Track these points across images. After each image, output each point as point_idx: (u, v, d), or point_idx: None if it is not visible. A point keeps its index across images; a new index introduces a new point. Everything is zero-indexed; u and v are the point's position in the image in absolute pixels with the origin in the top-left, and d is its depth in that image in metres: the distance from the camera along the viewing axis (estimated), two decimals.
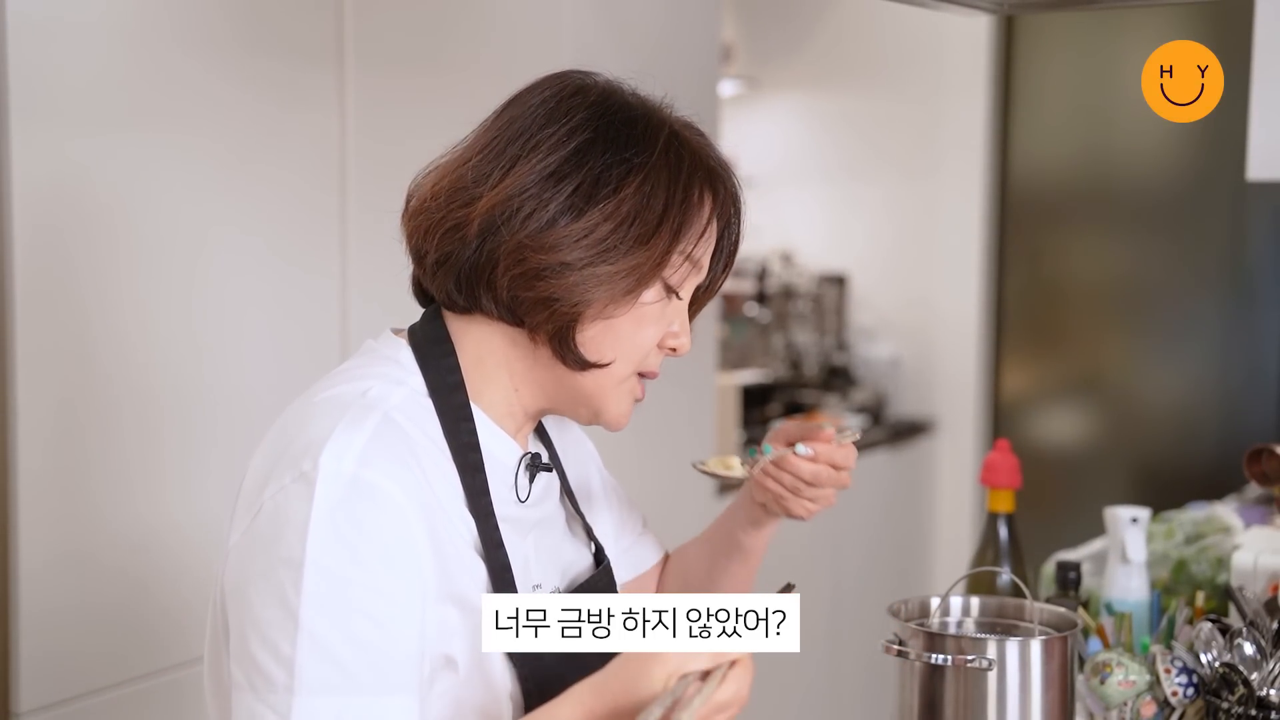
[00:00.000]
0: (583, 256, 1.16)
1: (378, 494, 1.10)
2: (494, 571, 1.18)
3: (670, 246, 1.19)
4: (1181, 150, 4.07)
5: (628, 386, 1.24)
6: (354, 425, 1.13)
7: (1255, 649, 1.59)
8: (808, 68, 4.55)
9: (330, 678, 1.07)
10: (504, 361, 1.23)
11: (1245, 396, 4.03)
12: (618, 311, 1.19)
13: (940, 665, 1.45)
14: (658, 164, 1.19)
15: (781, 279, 4.45)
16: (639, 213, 1.17)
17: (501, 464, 1.24)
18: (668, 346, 1.25)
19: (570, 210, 1.16)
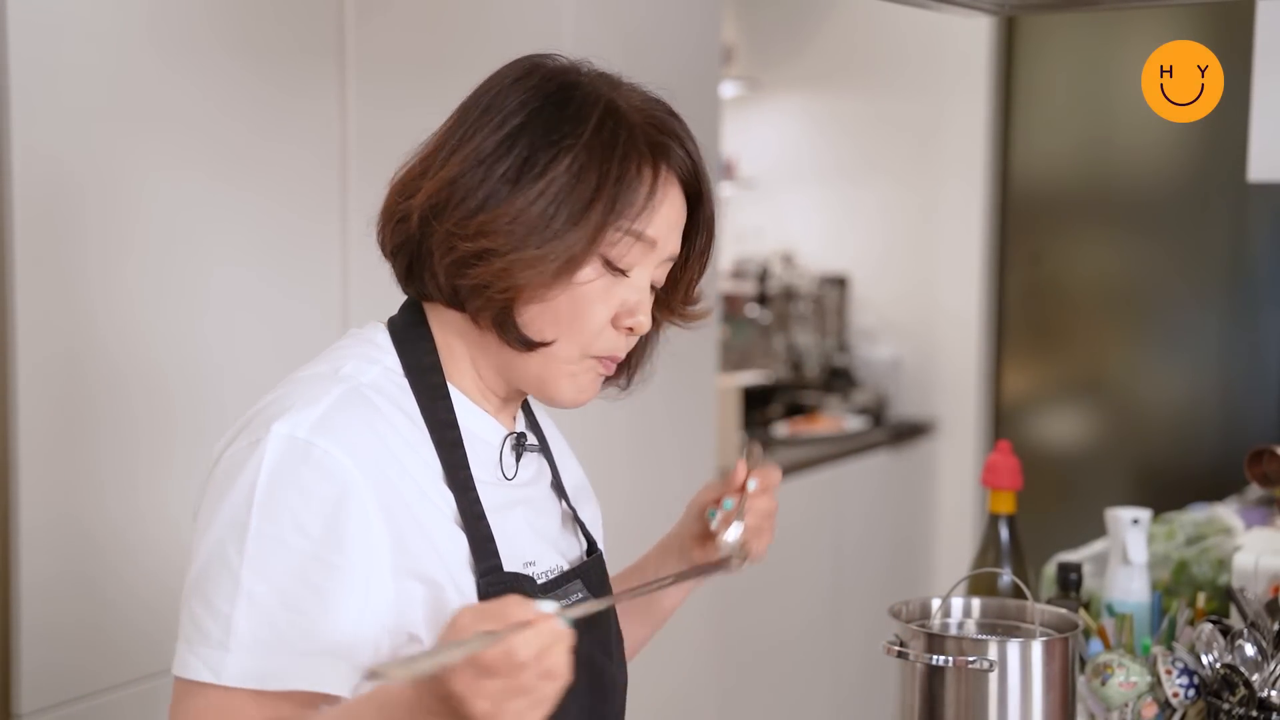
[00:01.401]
0: (508, 241, 1.16)
1: (327, 462, 1.11)
2: (476, 543, 1.19)
3: (604, 224, 1.17)
4: (1182, 151, 4.07)
5: (583, 368, 1.23)
6: (316, 397, 1.15)
7: (1256, 650, 1.59)
8: (809, 69, 4.55)
9: (264, 638, 1.10)
10: (464, 345, 1.24)
11: (1246, 397, 4.03)
12: (551, 293, 1.18)
13: (941, 666, 1.45)
14: (590, 143, 1.17)
15: (782, 280, 4.45)
16: (566, 194, 1.16)
17: (484, 442, 1.25)
18: (624, 326, 1.22)
19: (495, 196, 1.17)
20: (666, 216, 1.22)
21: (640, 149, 1.20)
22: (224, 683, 1.10)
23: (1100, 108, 4.13)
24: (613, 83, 1.24)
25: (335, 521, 1.11)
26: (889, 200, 4.44)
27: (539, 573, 1.26)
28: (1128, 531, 1.87)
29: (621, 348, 1.24)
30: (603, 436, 2.94)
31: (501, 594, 1.16)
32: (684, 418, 3.18)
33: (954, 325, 4.37)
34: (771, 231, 4.56)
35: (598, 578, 1.34)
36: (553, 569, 1.29)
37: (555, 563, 1.29)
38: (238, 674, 1.10)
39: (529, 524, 1.28)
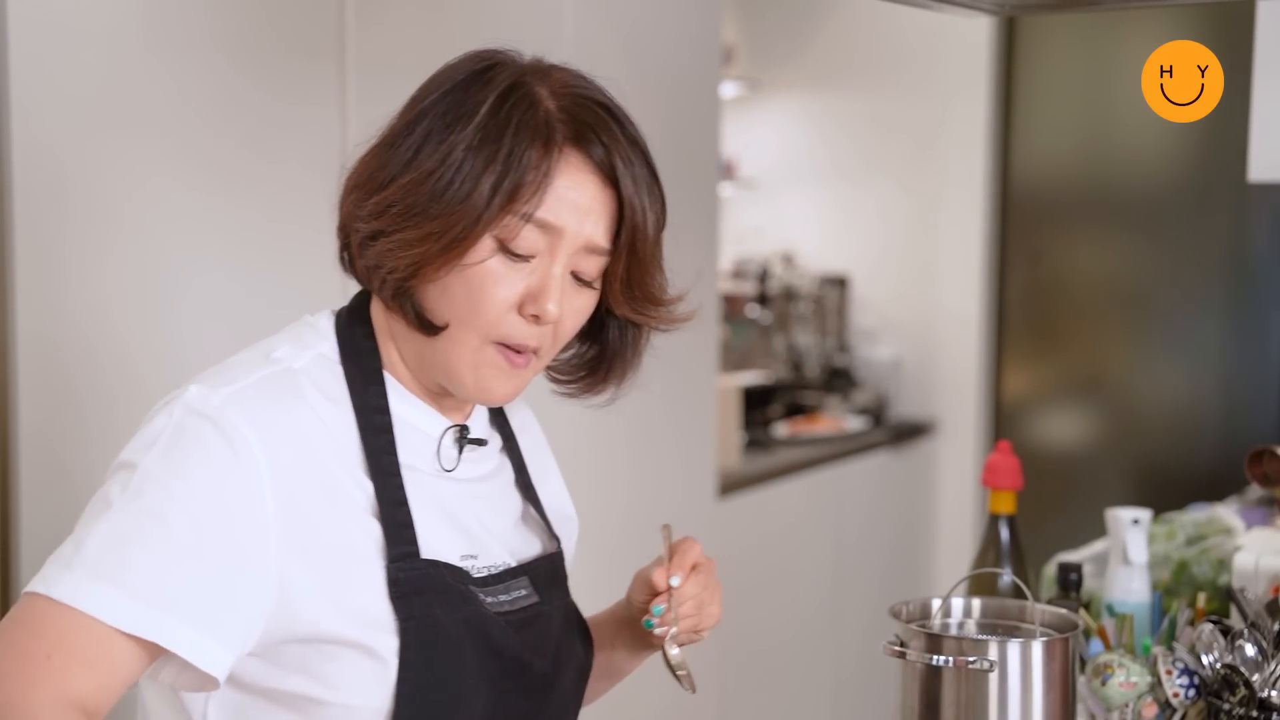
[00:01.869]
0: (396, 220, 1.16)
1: (232, 433, 1.12)
2: (390, 529, 1.18)
3: (490, 203, 1.15)
4: (1183, 151, 4.07)
5: (486, 357, 1.20)
6: (239, 375, 1.17)
7: (1256, 650, 1.59)
8: (809, 69, 4.55)
9: (110, 572, 1.08)
10: (395, 335, 1.24)
11: (1246, 397, 4.03)
12: (443, 273, 1.16)
13: (941, 667, 1.45)
14: (484, 122, 1.16)
15: (782, 280, 4.45)
16: (454, 172, 1.15)
17: (421, 432, 1.25)
18: (529, 314, 1.19)
19: (391, 176, 1.17)
20: (568, 202, 1.18)
21: (539, 131, 1.17)
22: (51, 594, 1.07)
23: (1100, 108, 4.13)
24: (542, 71, 1.22)
25: (222, 489, 1.11)
26: (889, 200, 4.44)
27: (480, 566, 1.25)
28: (1128, 532, 1.87)
29: (530, 336, 1.20)
30: (603, 437, 2.94)
31: (415, 580, 1.17)
32: (684, 418, 3.18)
33: (954, 325, 4.37)
34: (772, 232, 4.56)
35: (547, 578, 1.32)
36: (497, 564, 1.27)
37: (502, 559, 1.28)
38: (68, 592, 1.07)
39: (475, 518, 1.27)
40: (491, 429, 1.34)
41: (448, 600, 1.19)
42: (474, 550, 1.25)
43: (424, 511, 1.21)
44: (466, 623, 1.19)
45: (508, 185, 1.15)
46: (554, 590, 1.32)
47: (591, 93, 1.22)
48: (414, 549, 1.18)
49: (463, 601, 1.20)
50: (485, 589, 1.24)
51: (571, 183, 1.18)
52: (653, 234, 1.24)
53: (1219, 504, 2.38)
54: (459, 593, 1.20)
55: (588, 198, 1.19)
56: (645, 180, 1.22)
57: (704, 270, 3.23)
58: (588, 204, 1.19)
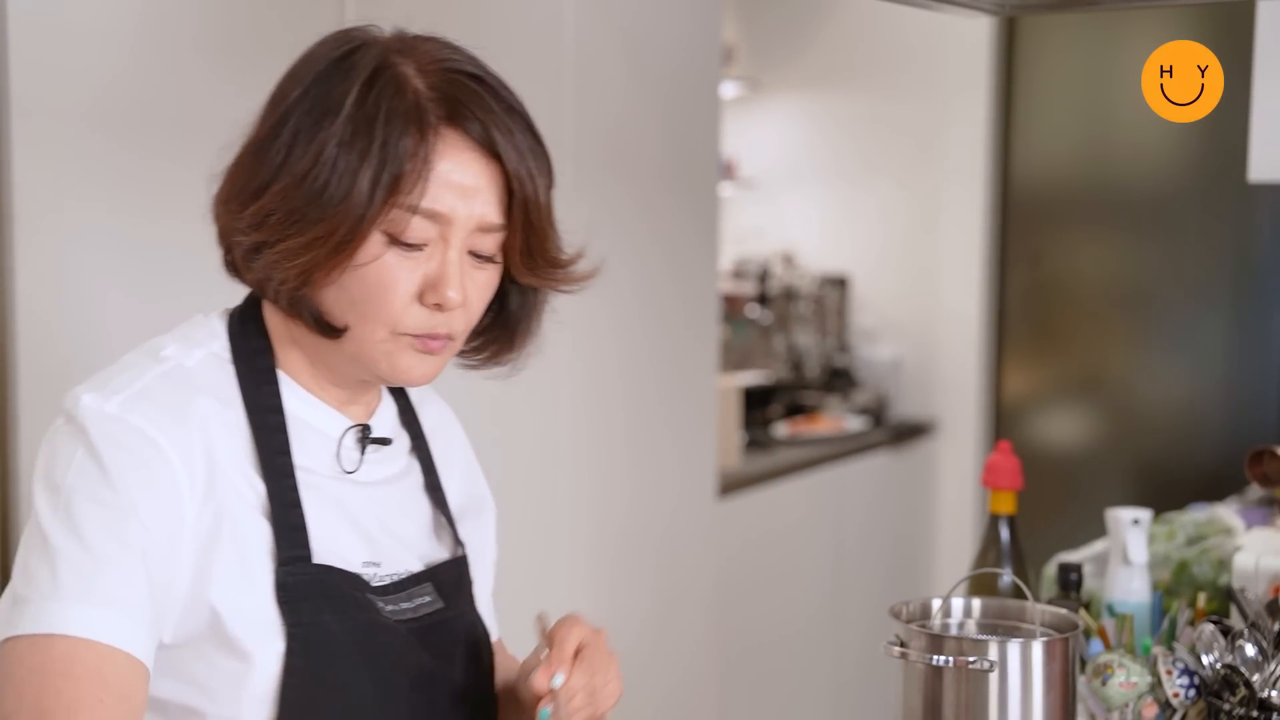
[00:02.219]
0: (277, 231, 1.11)
1: (136, 436, 1.09)
2: (281, 532, 1.14)
3: (372, 199, 1.10)
4: (1183, 150, 4.07)
5: (397, 345, 1.16)
6: (132, 377, 1.14)
7: (1257, 650, 1.59)
8: (810, 69, 4.55)
9: (99, 596, 1.06)
10: (290, 335, 1.20)
11: (1246, 398, 4.03)
12: (335, 276, 1.12)
13: (941, 666, 1.45)
14: (353, 115, 1.11)
15: (783, 280, 4.45)
16: (329, 172, 1.10)
17: (319, 432, 1.21)
18: (431, 303, 1.14)
19: (261, 189, 1.12)
20: (453, 186, 1.13)
21: (411, 116, 1.11)
22: (70, 631, 1.05)
23: (1100, 108, 4.13)
24: (406, 46, 1.17)
25: (133, 493, 1.08)
26: (889, 200, 4.44)
27: (383, 574, 1.21)
28: (1128, 532, 1.87)
29: (438, 325, 1.15)
30: (603, 436, 2.94)
31: (305, 585, 1.13)
32: (684, 418, 3.18)
33: (954, 325, 4.37)
34: (772, 232, 4.56)
35: (452, 583, 1.26)
36: (401, 571, 1.22)
37: (406, 565, 1.23)
38: (80, 624, 1.06)
39: (379, 522, 1.22)
40: (400, 429, 1.30)
41: (340, 607, 1.14)
42: (376, 557, 1.21)
43: (323, 515, 1.18)
44: (361, 631, 1.15)
45: (387, 178, 1.10)
46: (459, 596, 1.27)
47: (461, 64, 1.17)
48: (306, 553, 1.14)
49: (357, 609, 1.15)
50: (386, 597, 1.19)
51: (453, 165, 1.13)
52: (544, 201, 1.18)
53: (1219, 504, 2.38)
54: (353, 600, 1.15)
55: (472, 177, 1.14)
56: (528, 147, 1.16)
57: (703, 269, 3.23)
58: (473, 184, 1.14)
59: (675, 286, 3.11)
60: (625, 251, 2.95)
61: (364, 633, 1.15)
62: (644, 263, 2.99)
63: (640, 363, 3.02)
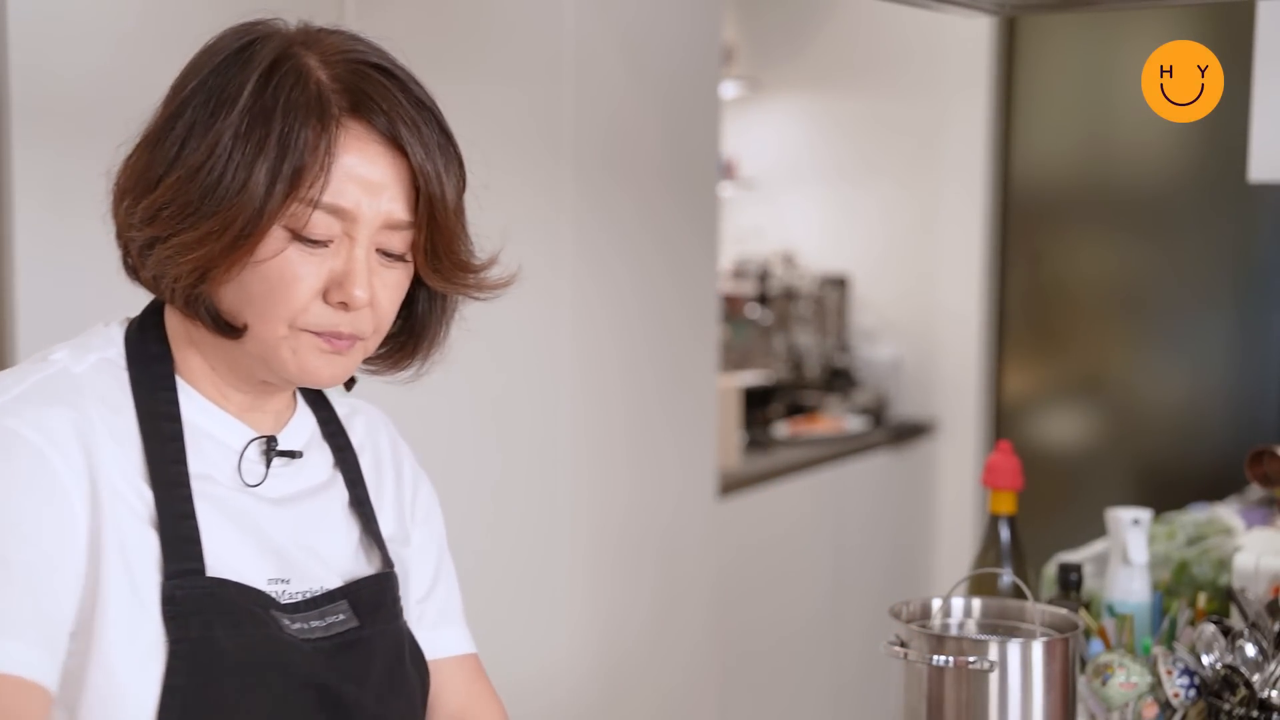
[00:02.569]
0: (169, 225, 1.07)
1: (16, 442, 1.05)
2: (170, 543, 1.08)
3: (270, 193, 1.05)
4: (1183, 150, 4.07)
5: (302, 342, 1.11)
6: (12, 382, 1.09)
7: (1257, 650, 1.59)
8: (810, 69, 4.55)
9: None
10: (190, 339, 1.16)
11: (1247, 398, 4.03)
12: (234, 273, 1.07)
13: (942, 667, 1.45)
14: (250, 107, 1.07)
15: (783, 280, 4.45)
16: (224, 166, 1.06)
17: (220, 443, 1.16)
18: (336, 301, 1.10)
19: (155, 182, 1.09)
20: (357, 180, 1.08)
21: (312, 107, 1.07)
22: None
23: (1100, 108, 4.13)
24: (311, 38, 1.12)
25: (18, 499, 1.04)
26: (889, 200, 4.44)
27: (293, 591, 1.15)
28: (1128, 532, 1.87)
29: (342, 323, 1.10)
30: (603, 436, 2.94)
31: (196, 599, 1.07)
32: (684, 418, 3.18)
33: (954, 325, 4.37)
34: (772, 232, 4.56)
35: (372, 601, 1.19)
36: (315, 588, 1.17)
37: (320, 582, 1.17)
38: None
39: (289, 537, 1.17)
40: (322, 442, 1.25)
41: (232, 622, 1.08)
42: (284, 573, 1.15)
43: (222, 529, 1.12)
44: (255, 648, 1.09)
45: (287, 171, 1.05)
46: (379, 614, 1.20)
47: (367, 55, 1.12)
48: (198, 565, 1.08)
49: (253, 625, 1.09)
50: (294, 615, 1.13)
51: (358, 159, 1.08)
52: (453, 200, 1.13)
53: (1219, 504, 2.38)
54: (250, 615, 1.09)
55: (378, 172, 1.09)
56: (437, 143, 1.11)
57: (703, 269, 3.23)
58: (379, 179, 1.09)
59: (675, 286, 3.11)
60: (625, 251, 2.95)
61: (258, 650, 1.09)
62: (644, 263, 2.99)
63: (640, 363, 3.02)
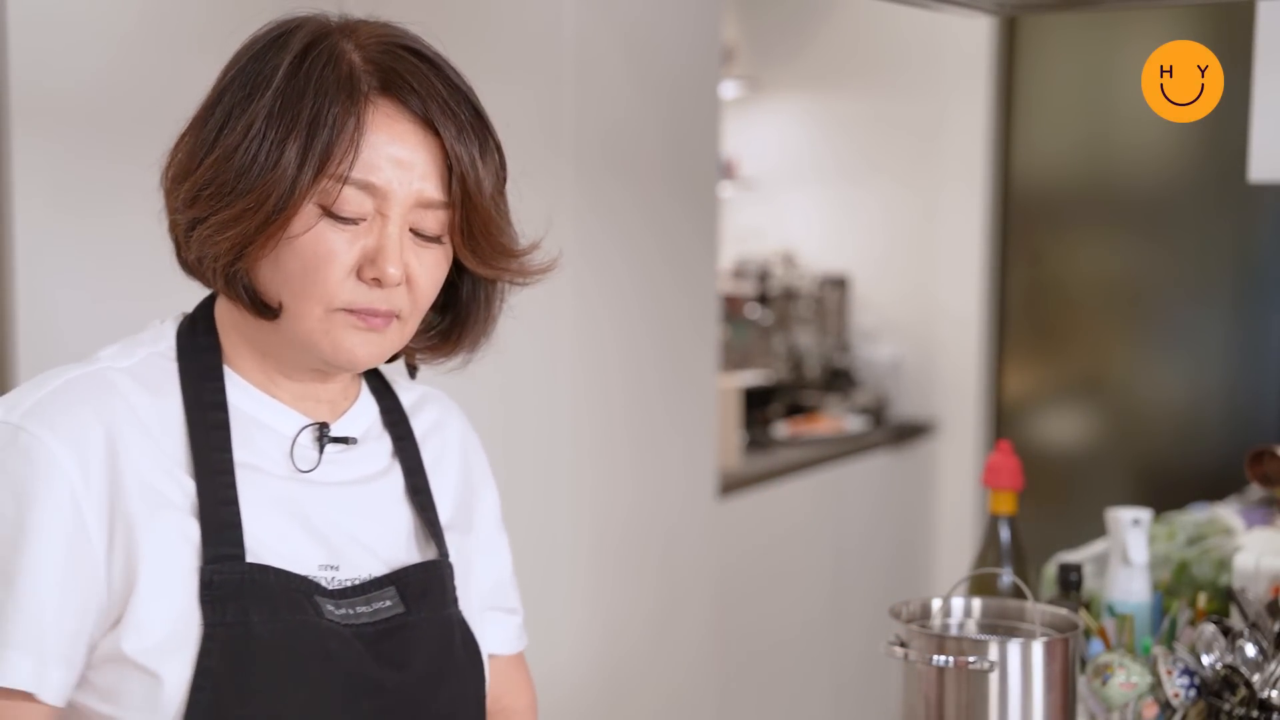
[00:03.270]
0: (209, 205, 1.10)
1: (34, 448, 1.06)
2: (211, 530, 1.09)
3: (302, 169, 1.08)
4: (1183, 150, 4.07)
5: (336, 321, 1.12)
6: (44, 382, 1.11)
7: (1257, 650, 1.59)
8: (810, 69, 4.55)
9: (10, 636, 1.04)
10: (239, 329, 1.17)
11: (1247, 398, 4.03)
12: (267, 250, 1.09)
13: (942, 667, 1.45)
14: (283, 87, 1.09)
15: (783, 280, 4.45)
16: (258, 144, 1.08)
17: (272, 431, 1.17)
18: (369, 278, 1.11)
19: (196, 166, 1.12)
20: (388, 158, 1.10)
21: (343, 85, 1.09)
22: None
23: (1100, 108, 4.13)
24: (349, 26, 1.14)
25: (34, 508, 1.05)
26: (889, 200, 4.44)
27: (341, 578, 1.16)
28: (1128, 532, 1.87)
29: (376, 300, 1.11)
30: (603, 436, 2.94)
31: (234, 584, 1.08)
32: (684, 418, 3.18)
33: (954, 325, 4.37)
34: (772, 232, 4.56)
35: (419, 587, 1.20)
36: (363, 575, 1.17)
37: (370, 570, 1.18)
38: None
39: (337, 525, 1.17)
40: (383, 430, 1.25)
41: (270, 608, 1.09)
42: (334, 560, 1.16)
43: (271, 516, 1.14)
44: (292, 634, 1.09)
45: (318, 147, 1.07)
46: (427, 601, 1.20)
47: (402, 39, 1.15)
48: (238, 551, 1.10)
49: (291, 610, 1.10)
50: (341, 600, 1.14)
51: (388, 137, 1.10)
52: (488, 183, 1.14)
53: (1219, 504, 2.38)
54: (289, 601, 1.10)
55: (409, 151, 1.11)
56: (470, 125, 1.13)
57: (703, 269, 3.23)
58: (409, 157, 1.11)
59: (675, 286, 3.11)
60: (625, 251, 2.95)
61: (295, 635, 1.10)
62: (644, 263, 2.99)
63: (641, 363, 3.02)
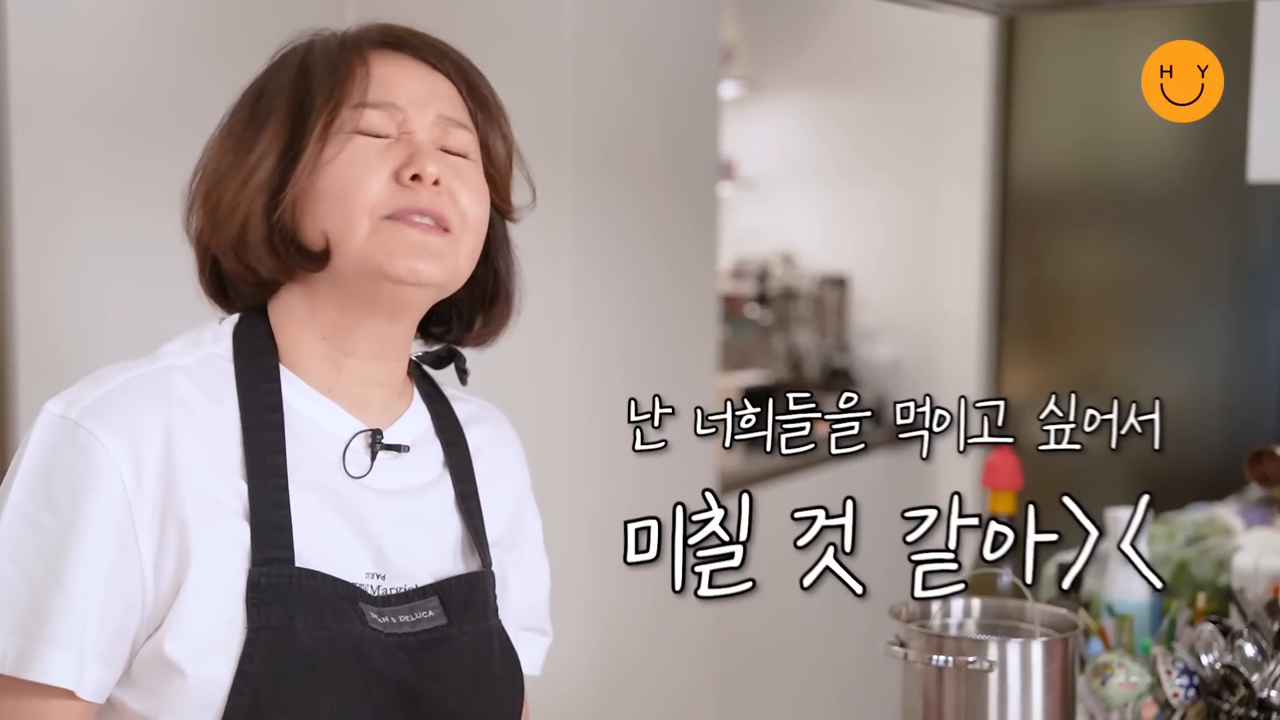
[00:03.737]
0: (227, 162, 1.16)
1: (91, 445, 1.06)
2: (262, 532, 1.09)
3: (318, 105, 1.14)
4: (1183, 150, 4.07)
5: (386, 232, 1.13)
6: (107, 378, 1.11)
7: (1256, 650, 1.59)
8: (809, 69, 4.55)
9: (6, 620, 1.05)
10: (295, 314, 1.18)
11: (1246, 398, 4.03)
12: (301, 185, 1.13)
13: (941, 667, 1.45)
14: (293, 76, 1.19)
15: (782, 280, 4.45)
16: (265, 101, 1.18)
17: (328, 434, 1.17)
18: (408, 177, 1.13)
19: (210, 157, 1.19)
20: (400, 84, 1.16)
21: (345, 48, 1.18)
22: (27, 675, 1.04)
23: (1100, 108, 4.13)
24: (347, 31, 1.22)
25: (85, 506, 1.06)
26: (889, 200, 4.44)
27: (388, 586, 1.16)
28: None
29: (423, 200, 1.14)
30: (603, 436, 2.94)
31: (280, 588, 1.08)
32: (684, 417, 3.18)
33: (954, 325, 4.37)
34: (771, 232, 4.56)
35: (462, 598, 1.20)
36: (409, 584, 1.17)
37: (416, 579, 1.18)
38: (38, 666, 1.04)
39: (388, 533, 1.17)
40: (434, 438, 1.26)
41: (314, 613, 1.09)
42: (382, 568, 1.16)
43: (324, 519, 1.14)
44: (333, 641, 1.10)
45: (329, 84, 1.15)
46: (468, 612, 1.20)
47: (394, 25, 1.21)
48: (287, 555, 1.10)
49: (336, 618, 1.10)
50: (385, 608, 1.14)
51: (394, 71, 1.17)
52: (505, 120, 1.21)
53: (1219, 504, 2.38)
54: (334, 607, 1.11)
55: (420, 81, 1.18)
56: (478, 75, 1.21)
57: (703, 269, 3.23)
58: (423, 86, 1.18)
59: (675, 286, 3.11)
60: (625, 251, 2.94)
61: (338, 643, 1.10)
62: (644, 262, 2.99)
63: (640, 362, 3.02)
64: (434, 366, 1.30)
